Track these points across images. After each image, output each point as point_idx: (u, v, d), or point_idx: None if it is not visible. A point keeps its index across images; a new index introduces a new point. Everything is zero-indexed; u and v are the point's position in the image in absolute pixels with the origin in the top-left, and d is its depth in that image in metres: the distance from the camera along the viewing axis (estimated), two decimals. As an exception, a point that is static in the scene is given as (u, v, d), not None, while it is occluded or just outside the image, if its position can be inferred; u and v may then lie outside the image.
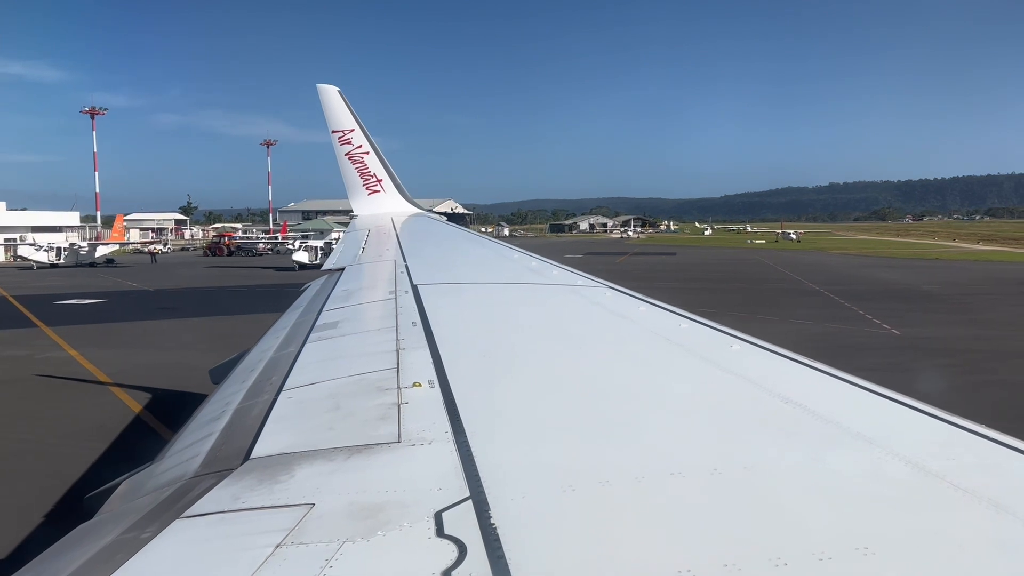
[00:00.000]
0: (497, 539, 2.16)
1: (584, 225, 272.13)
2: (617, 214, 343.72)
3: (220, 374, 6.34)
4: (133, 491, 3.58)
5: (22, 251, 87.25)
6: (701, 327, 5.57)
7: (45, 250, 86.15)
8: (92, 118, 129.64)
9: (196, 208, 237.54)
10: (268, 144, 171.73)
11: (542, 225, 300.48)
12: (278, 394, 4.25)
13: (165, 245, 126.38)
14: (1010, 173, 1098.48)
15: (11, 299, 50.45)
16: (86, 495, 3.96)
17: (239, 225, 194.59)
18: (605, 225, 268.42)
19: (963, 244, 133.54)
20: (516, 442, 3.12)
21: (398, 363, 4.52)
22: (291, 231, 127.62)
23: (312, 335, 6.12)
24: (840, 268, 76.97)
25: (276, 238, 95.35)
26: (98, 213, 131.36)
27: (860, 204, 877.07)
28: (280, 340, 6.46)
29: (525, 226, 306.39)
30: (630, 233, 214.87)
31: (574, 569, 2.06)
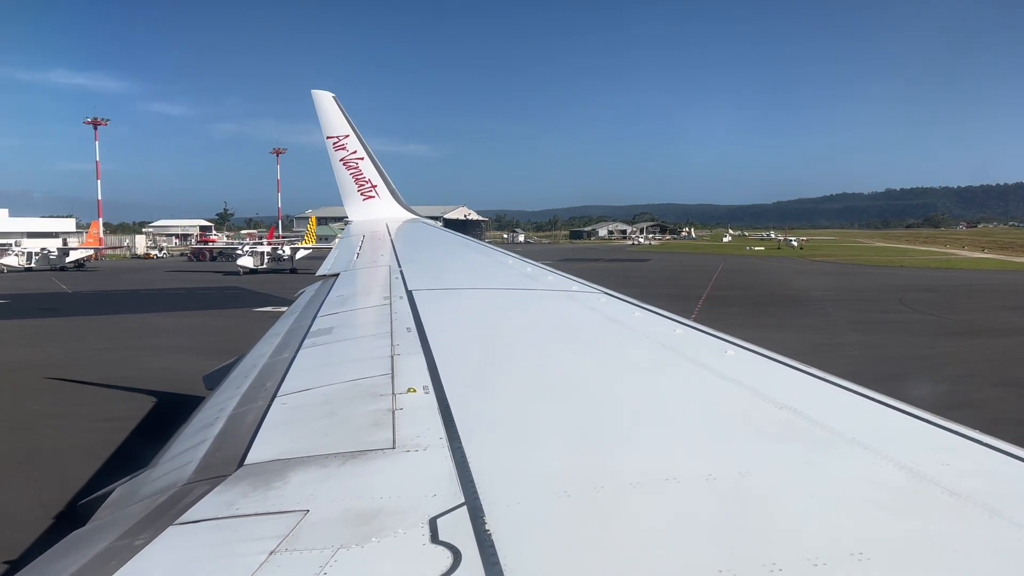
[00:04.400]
0: (492, 545, 2.15)
1: (603, 232, 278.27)
2: (634, 220, 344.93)
3: (214, 380, 6.30)
4: (126, 498, 3.51)
5: None
6: (696, 332, 5.57)
7: (16, 255, 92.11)
8: (95, 128, 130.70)
9: (232, 214, 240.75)
10: (278, 152, 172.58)
11: (563, 232, 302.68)
12: (272, 400, 4.20)
13: (161, 250, 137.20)
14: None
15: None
16: (79, 502, 3.90)
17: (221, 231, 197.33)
18: (624, 231, 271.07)
19: (967, 253, 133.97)
20: (511, 448, 3.10)
21: (393, 369, 4.48)
22: (289, 236, 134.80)
23: (306, 341, 6.07)
24: (774, 275, 79.75)
25: (260, 243, 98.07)
26: (101, 220, 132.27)
27: (916, 211, 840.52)
28: (274, 346, 6.40)
29: (543, 233, 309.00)
30: (640, 240, 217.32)
31: (569, 575, 2.06)
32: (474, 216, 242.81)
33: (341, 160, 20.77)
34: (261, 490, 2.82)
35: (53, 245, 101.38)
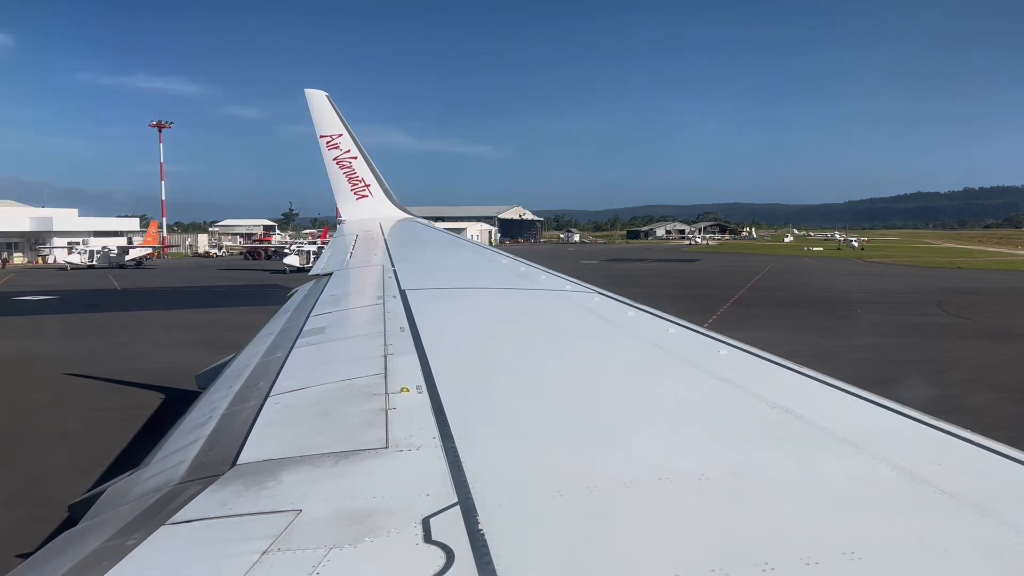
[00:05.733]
0: (485, 545, 2.15)
1: (660, 232, 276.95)
2: (696, 220, 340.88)
3: (207, 379, 6.29)
4: (118, 497, 3.51)
5: (58, 254, 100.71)
6: (689, 332, 5.58)
7: (79, 253, 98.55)
8: (159, 131, 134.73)
9: (297, 214, 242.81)
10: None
11: (621, 232, 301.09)
12: (265, 400, 4.20)
13: (220, 249, 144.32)
14: None
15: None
16: (70, 502, 3.90)
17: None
18: (682, 231, 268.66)
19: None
20: (504, 447, 3.10)
21: (386, 368, 4.48)
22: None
23: (299, 340, 6.07)
24: (819, 276, 78.72)
25: (316, 243, 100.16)
26: (163, 219, 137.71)
27: (997, 211, 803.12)
28: (267, 345, 6.40)
29: (600, 233, 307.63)
30: (697, 240, 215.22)
31: (562, 574, 2.05)
32: (529, 216, 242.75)
33: (334, 159, 20.80)
34: (254, 490, 2.83)
35: (115, 244, 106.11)
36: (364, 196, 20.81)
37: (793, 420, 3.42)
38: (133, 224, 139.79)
